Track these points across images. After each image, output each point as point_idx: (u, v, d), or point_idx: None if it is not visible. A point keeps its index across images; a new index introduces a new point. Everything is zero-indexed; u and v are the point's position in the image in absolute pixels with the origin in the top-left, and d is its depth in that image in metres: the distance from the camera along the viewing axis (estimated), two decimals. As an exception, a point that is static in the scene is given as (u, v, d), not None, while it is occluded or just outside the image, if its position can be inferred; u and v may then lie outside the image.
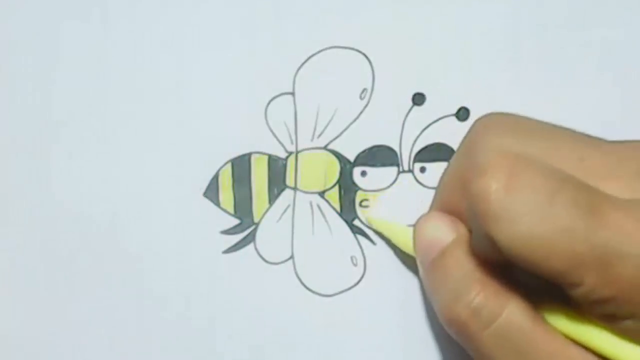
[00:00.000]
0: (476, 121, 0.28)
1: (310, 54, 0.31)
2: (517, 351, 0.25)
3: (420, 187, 0.32)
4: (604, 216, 0.23)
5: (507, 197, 0.24)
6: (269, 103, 0.31)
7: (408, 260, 0.32)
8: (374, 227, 0.31)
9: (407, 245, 0.30)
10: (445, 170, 0.29)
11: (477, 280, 0.26)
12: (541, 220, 0.23)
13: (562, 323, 0.26)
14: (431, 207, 0.30)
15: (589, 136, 0.27)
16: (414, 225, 0.29)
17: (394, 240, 0.31)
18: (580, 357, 0.25)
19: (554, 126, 0.27)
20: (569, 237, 0.23)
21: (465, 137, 0.28)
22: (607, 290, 0.24)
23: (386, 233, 0.31)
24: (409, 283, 0.32)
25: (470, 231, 0.27)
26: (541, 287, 0.25)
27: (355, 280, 0.32)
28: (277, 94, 0.31)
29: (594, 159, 0.26)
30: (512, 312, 0.26)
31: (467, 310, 0.26)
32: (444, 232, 0.28)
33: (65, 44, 0.31)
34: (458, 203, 0.28)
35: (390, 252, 0.32)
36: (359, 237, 0.32)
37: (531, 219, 0.23)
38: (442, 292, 0.27)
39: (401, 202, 0.32)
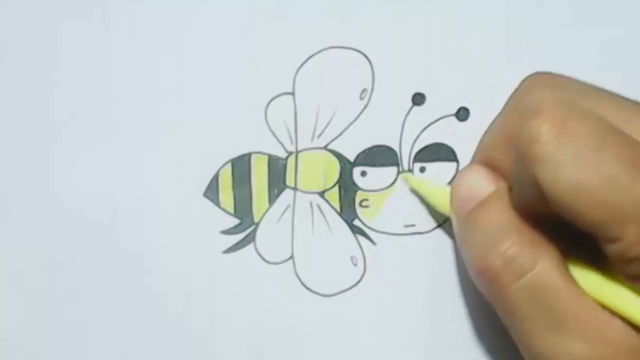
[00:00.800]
0: (524, 79, 0.28)
1: (310, 54, 0.31)
2: (545, 307, 0.25)
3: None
4: None
5: (557, 141, 0.24)
6: (269, 103, 0.31)
7: (408, 261, 0.32)
8: (410, 184, 0.31)
9: (442, 204, 0.30)
10: (490, 125, 0.29)
11: (514, 231, 0.26)
12: (588, 167, 0.24)
13: (592, 285, 0.26)
14: (472, 161, 0.30)
15: (635, 102, 0.27)
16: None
17: (430, 199, 0.31)
18: (606, 320, 0.25)
19: (602, 89, 0.27)
20: (613, 188, 0.24)
21: (512, 94, 0.28)
22: None
23: (421, 191, 0.31)
24: (409, 283, 0.32)
25: (510, 188, 0.27)
26: (575, 248, 0.25)
27: (355, 280, 0.32)
28: (277, 94, 0.31)
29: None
30: (545, 266, 0.26)
31: (500, 259, 0.26)
32: (484, 185, 0.28)
33: (65, 44, 0.31)
34: (501, 157, 0.28)
35: (390, 252, 0.32)
36: (359, 237, 0.32)
37: (577, 166, 0.24)
38: (477, 241, 0.27)
39: (401, 202, 0.32)
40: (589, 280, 0.26)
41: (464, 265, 0.32)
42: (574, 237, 0.25)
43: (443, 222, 0.32)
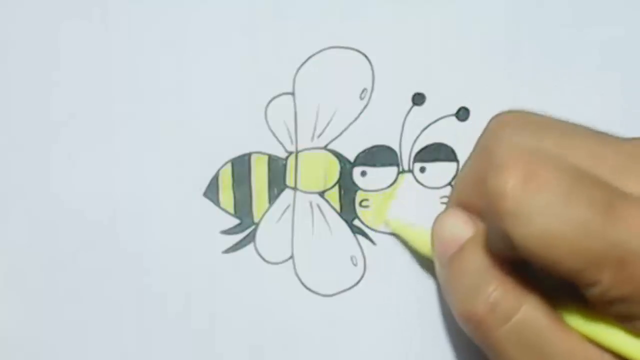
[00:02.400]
0: (492, 119, 0.28)
1: (310, 54, 0.31)
2: (534, 349, 0.25)
3: (420, 187, 0.32)
4: (621, 214, 0.23)
5: (524, 195, 0.23)
6: (269, 103, 0.31)
7: (408, 261, 0.32)
8: (392, 229, 0.31)
9: (425, 247, 0.30)
10: (462, 167, 0.29)
11: (495, 276, 0.26)
12: (557, 218, 0.23)
13: (578, 322, 0.26)
14: (448, 205, 0.30)
15: (604, 133, 0.27)
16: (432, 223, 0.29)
17: (412, 243, 0.31)
18: (597, 355, 0.25)
19: (570, 123, 0.27)
20: (585, 235, 0.23)
21: (481, 135, 0.28)
22: (623, 289, 0.23)
23: (403, 235, 0.31)
24: (409, 283, 0.32)
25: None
26: (557, 285, 0.25)
27: (355, 280, 0.32)
28: (277, 94, 0.31)
29: (610, 155, 0.26)
30: (529, 308, 0.26)
31: (484, 305, 0.26)
32: (462, 229, 0.28)
33: (65, 44, 0.31)
34: (475, 200, 0.28)
35: (390, 252, 0.32)
36: (359, 237, 0.32)
37: (547, 217, 0.23)
38: (459, 287, 0.27)
39: (401, 202, 0.32)
40: (575, 317, 0.26)
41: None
42: (557, 277, 0.25)
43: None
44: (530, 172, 0.24)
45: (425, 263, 0.32)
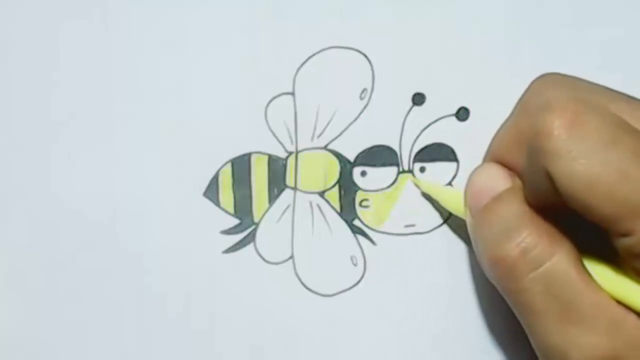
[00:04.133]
0: (534, 80, 0.28)
1: (310, 54, 0.31)
2: (559, 299, 0.26)
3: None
4: None
5: (570, 136, 0.24)
6: (269, 103, 0.31)
7: (408, 261, 0.32)
8: (421, 188, 0.31)
9: (455, 204, 0.30)
10: (502, 125, 0.29)
11: (529, 223, 0.26)
12: (599, 162, 0.24)
13: (606, 280, 0.26)
14: (484, 160, 0.30)
15: None
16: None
17: (442, 201, 0.31)
18: (621, 314, 0.25)
19: (608, 87, 0.27)
20: (624, 182, 0.24)
21: (522, 96, 0.28)
22: None
23: (432, 193, 0.31)
24: (409, 283, 0.32)
25: (523, 184, 0.28)
26: (588, 242, 0.26)
27: (355, 280, 0.32)
28: (277, 94, 0.31)
29: None
30: (560, 258, 0.26)
31: (516, 249, 0.26)
32: (499, 181, 0.28)
33: (65, 44, 0.31)
34: (512, 158, 0.28)
35: (390, 252, 0.32)
36: (359, 237, 0.32)
37: (590, 160, 0.24)
38: (492, 233, 0.27)
39: (401, 202, 0.32)
40: (604, 274, 0.26)
41: (464, 265, 0.32)
42: (589, 233, 0.25)
43: (443, 222, 0.32)
44: (577, 116, 0.24)
45: (425, 263, 0.32)
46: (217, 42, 0.31)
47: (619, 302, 0.25)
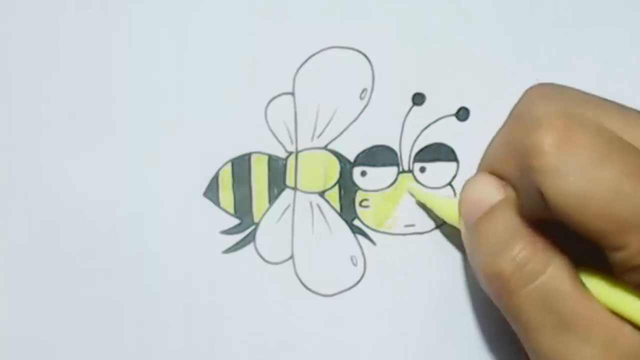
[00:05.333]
0: (526, 90, 0.28)
1: (310, 54, 0.31)
2: (555, 311, 0.25)
3: (420, 187, 0.32)
4: None
5: (560, 153, 0.24)
6: (269, 103, 0.31)
7: (408, 261, 0.32)
8: (416, 197, 0.31)
9: (448, 213, 0.30)
10: (494, 136, 0.29)
11: (524, 236, 0.26)
12: (590, 178, 0.24)
13: (601, 291, 0.26)
14: (478, 170, 0.30)
15: (636, 110, 0.27)
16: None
17: (436, 209, 0.31)
18: (616, 325, 0.25)
19: (602, 98, 0.27)
20: (616, 199, 0.24)
21: (515, 106, 0.28)
22: None
23: (428, 202, 0.31)
24: (409, 283, 0.32)
25: (517, 194, 0.27)
26: (582, 254, 0.26)
27: (355, 280, 0.32)
28: (277, 94, 0.31)
29: None
30: (555, 271, 0.26)
31: (511, 264, 0.26)
32: (492, 192, 0.28)
33: (66, 44, 0.31)
34: (506, 169, 0.28)
35: (390, 252, 0.32)
36: (359, 237, 0.32)
37: (581, 177, 0.24)
38: (487, 246, 0.27)
39: (401, 202, 0.32)
40: (599, 286, 0.26)
41: (464, 265, 0.32)
42: (583, 244, 0.25)
43: (443, 222, 0.32)
44: (567, 133, 0.24)
45: (425, 263, 0.32)
46: (217, 42, 0.31)
47: (615, 314, 0.25)
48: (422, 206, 0.32)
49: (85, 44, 0.31)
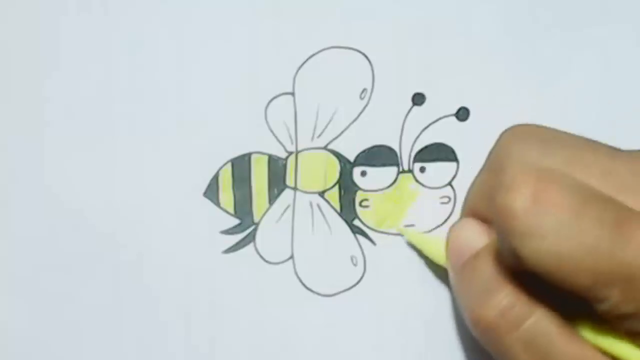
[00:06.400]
0: (502, 133, 0.28)
1: (310, 54, 0.31)
2: (543, 355, 0.25)
3: (420, 187, 0.32)
4: (629, 233, 0.23)
5: (533, 215, 0.24)
6: (269, 103, 0.31)
7: (408, 261, 0.32)
8: (407, 238, 0.32)
9: (438, 255, 0.30)
10: (473, 181, 0.29)
11: (508, 283, 0.26)
12: (566, 237, 0.23)
13: (589, 333, 0.26)
14: (461, 214, 0.30)
15: (613, 148, 0.27)
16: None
17: (425, 251, 0.31)
18: None
19: (579, 137, 0.27)
20: (594, 255, 0.23)
21: (491, 150, 0.28)
22: (632, 306, 0.24)
23: (417, 244, 0.31)
24: (409, 283, 0.32)
25: None
26: (568, 296, 0.25)
27: (355, 280, 0.32)
28: (277, 94, 0.31)
29: (620, 171, 0.26)
30: (540, 316, 0.26)
31: (495, 310, 0.26)
32: (476, 239, 0.28)
33: (66, 44, 0.31)
34: (487, 211, 0.28)
35: (390, 252, 0.32)
36: (359, 237, 0.32)
37: (556, 236, 0.23)
38: (472, 292, 0.27)
39: (401, 203, 0.32)
40: (587, 328, 0.26)
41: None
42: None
43: (443, 222, 0.32)
44: (540, 192, 0.24)
45: (425, 263, 0.32)
46: (217, 42, 0.31)
47: (605, 353, 0.25)
48: (413, 246, 0.32)
49: (86, 44, 0.31)
